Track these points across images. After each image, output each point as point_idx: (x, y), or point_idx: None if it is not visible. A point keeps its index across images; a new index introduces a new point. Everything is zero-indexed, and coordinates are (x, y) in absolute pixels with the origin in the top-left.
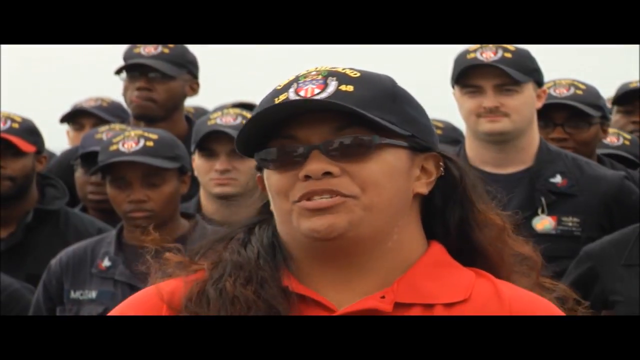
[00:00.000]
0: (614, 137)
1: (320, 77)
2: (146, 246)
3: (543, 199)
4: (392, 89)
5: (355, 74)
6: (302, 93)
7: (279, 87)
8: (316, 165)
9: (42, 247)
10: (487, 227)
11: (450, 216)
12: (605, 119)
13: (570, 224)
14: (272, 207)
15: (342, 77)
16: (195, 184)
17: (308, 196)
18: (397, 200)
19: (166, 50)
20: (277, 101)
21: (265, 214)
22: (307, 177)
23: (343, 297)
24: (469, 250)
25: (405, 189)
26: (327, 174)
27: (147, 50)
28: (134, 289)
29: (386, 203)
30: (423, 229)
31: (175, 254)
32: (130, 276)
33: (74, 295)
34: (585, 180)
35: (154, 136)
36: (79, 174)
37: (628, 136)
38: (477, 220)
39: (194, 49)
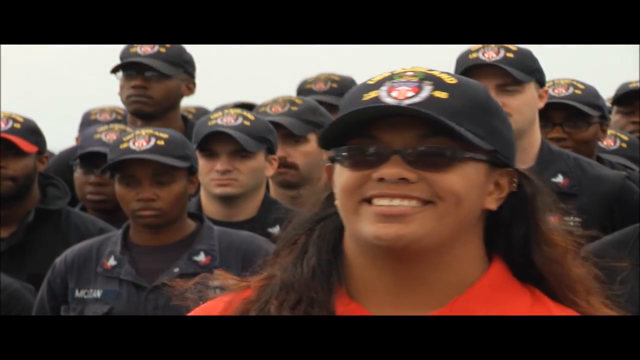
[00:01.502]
0: (611, 140)
1: (415, 79)
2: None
3: None
4: (485, 100)
5: (452, 80)
6: (394, 94)
7: (370, 82)
8: (393, 169)
9: (44, 246)
10: (549, 246)
11: (515, 233)
12: (604, 118)
13: (571, 224)
14: (338, 205)
15: (437, 82)
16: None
17: (378, 196)
18: (468, 215)
19: (163, 50)
20: (366, 97)
21: (329, 208)
22: (381, 180)
23: (395, 312)
24: (529, 268)
25: (477, 203)
26: (403, 179)
27: (144, 49)
28: (139, 288)
29: (459, 216)
30: (485, 242)
31: (224, 273)
32: (135, 276)
33: (79, 294)
34: (586, 180)
35: (165, 135)
36: (78, 174)
37: (625, 137)
38: (539, 239)
39: (194, 49)
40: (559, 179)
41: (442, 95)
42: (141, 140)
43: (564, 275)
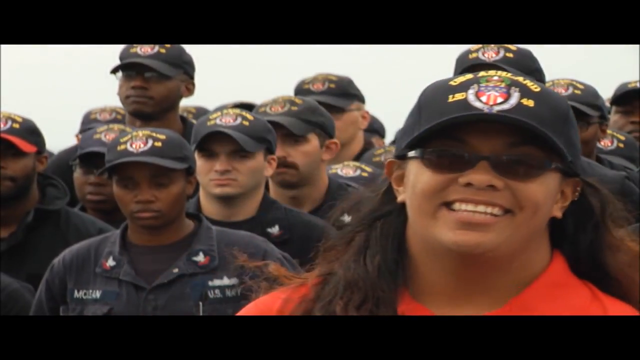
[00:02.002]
0: (608, 140)
1: (503, 85)
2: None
3: None
4: (567, 111)
5: (536, 88)
6: (483, 99)
7: (454, 84)
8: (482, 176)
9: (43, 247)
10: (621, 252)
11: (582, 238)
12: (603, 118)
13: None
14: (409, 204)
15: (524, 89)
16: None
17: (462, 201)
18: (541, 223)
19: (162, 50)
20: (452, 99)
21: (388, 204)
22: (469, 185)
23: (457, 313)
24: (599, 272)
25: (549, 212)
26: (490, 186)
27: (144, 50)
28: (138, 289)
29: (534, 225)
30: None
31: (279, 267)
32: (134, 276)
33: (78, 295)
34: None
35: (162, 136)
36: (77, 174)
37: (622, 137)
38: (610, 245)
39: (194, 48)
40: None
41: (529, 103)
42: (138, 141)
43: (636, 278)
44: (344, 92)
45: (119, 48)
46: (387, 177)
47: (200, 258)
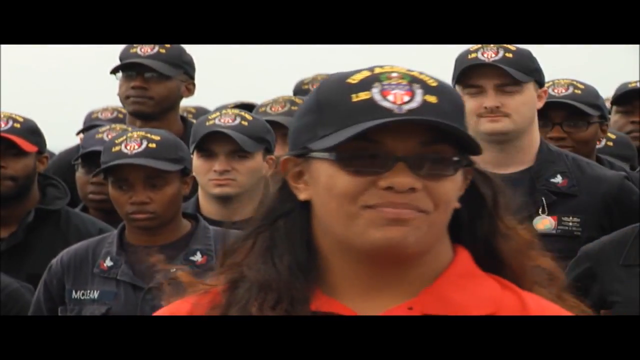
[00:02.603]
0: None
1: (405, 82)
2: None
3: (543, 199)
4: (462, 102)
5: (433, 83)
6: (390, 98)
7: (353, 81)
8: (403, 179)
9: (43, 247)
10: (513, 239)
11: (478, 227)
12: (604, 118)
13: (570, 224)
14: (322, 206)
15: (424, 86)
16: (193, 184)
17: (384, 205)
18: (449, 216)
19: (163, 51)
20: (356, 99)
21: (287, 202)
22: (390, 188)
23: (371, 306)
24: (493, 259)
25: (455, 205)
26: (410, 189)
27: (144, 50)
28: (136, 289)
29: (445, 221)
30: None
31: (186, 272)
32: (132, 276)
33: (76, 295)
34: (585, 180)
35: (157, 137)
36: (79, 173)
37: (613, 135)
38: (503, 232)
39: (194, 49)
40: (558, 179)
41: (432, 99)
42: (133, 143)
43: (528, 265)
44: None
45: (119, 48)
46: (280, 174)
47: (198, 258)
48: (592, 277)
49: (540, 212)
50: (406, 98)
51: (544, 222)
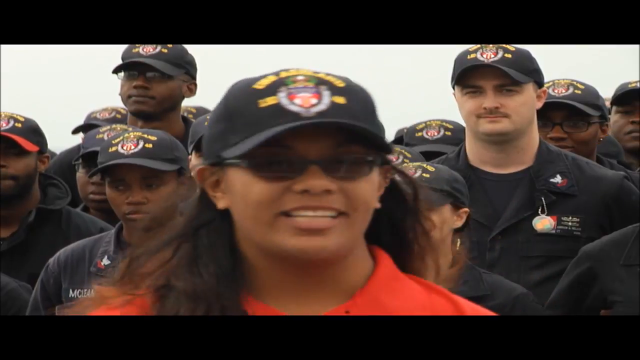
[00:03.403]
0: None
1: (311, 84)
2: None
3: (543, 199)
4: (372, 101)
5: (340, 83)
6: (297, 101)
7: (259, 87)
8: (317, 181)
9: (44, 246)
10: (431, 236)
11: (401, 226)
12: (604, 118)
13: (570, 224)
14: (240, 213)
15: (331, 87)
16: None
17: (300, 210)
18: (369, 217)
19: (165, 50)
20: (263, 104)
21: (207, 212)
22: (305, 192)
23: (306, 311)
24: (414, 257)
25: (375, 205)
26: (326, 191)
27: (146, 49)
28: None
29: (365, 221)
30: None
31: (106, 285)
32: None
33: (73, 294)
34: (585, 180)
35: (153, 138)
36: (80, 173)
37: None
38: (425, 230)
39: (195, 48)
40: (558, 179)
41: (341, 100)
42: (129, 143)
43: (444, 262)
44: None
45: (121, 48)
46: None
47: None
48: (592, 277)
49: (539, 212)
50: (314, 101)
51: (544, 222)
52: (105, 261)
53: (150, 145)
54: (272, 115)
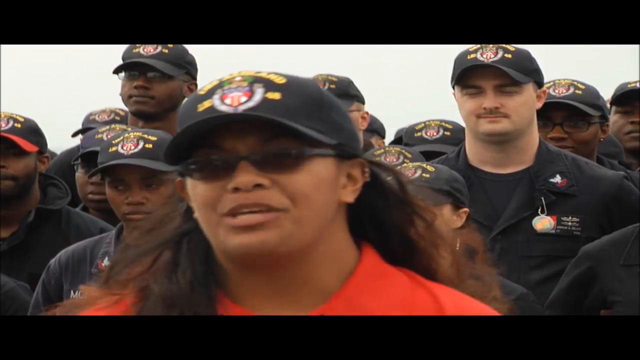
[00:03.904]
0: None
1: (245, 83)
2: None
3: (543, 199)
4: (318, 95)
5: (281, 80)
6: (227, 101)
7: (201, 93)
8: (246, 177)
9: (44, 246)
10: (426, 227)
11: (387, 220)
12: (604, 119)
13: (569, 224)
14: (199, 219)
15: (268, 84)
16: None
17: (237, 209)
18: (325, 211)
19: (165, 51)
20: (201, 108)
21: (189, 222)
22: (236, 189)
23: (281, 312)
24: (407, 249)
25: (332, 198)
26: (258, 186)
27: (147, 50)
28: None
29: (316, 215)
30: (350, 233)
31: (94, 284)
32: None
33: (74, 295)
34: (584, 180)
35: (154, 138)
36: (79, 173)
37: None
38: (414, 221)
39: (195, 48)
40: (557, 179)
41: (275, 96)
42: (129, 143)
43: (438, 245)
44: (344, 93)
45: (121, 48)
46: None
47: None
48: (592, 277)
49: (539, 212)
50: (243, 99)
51: (544, 222)
52: (106, 262)
53: (150, 146)
54: (203, 117)
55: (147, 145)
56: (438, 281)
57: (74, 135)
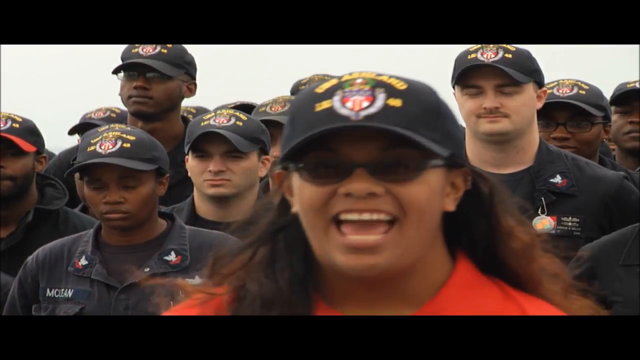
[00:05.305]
0: None
1: (367, 87)
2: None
3: (543, 199)
4: (436, 104)
5: (402, 86)
6: (349, 105)
7: (320, 91)
8: (361, 184)
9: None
10: (513, 241)
11: (476, 230)
12: (607, 119)
13: (570, 224)
14: (302, 219)
15: (389, 89)
16: (190, 184)
17: (346, 212)
18: (433, 222)
19: (164, 51)
20: (319, 108)
21: (285, 216)
22: (348, 195)
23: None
24: (494, 263)
25: (440, 208)
26: (371, 194)
27: (146, 50)
28: (110, 288)
29: (427, 227)
30: (446, 240)
31: (184, 282)
32: (106, 275)
33: (50, 293)
34: (585, 180)
35: (132, 137)
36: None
37: None
38: (502, 235)
39: (194, 48)
40: (557, 179)
41: (396, 103)
42: (107, 142)
43: (531, 268)
44: None
45: (120, 48)
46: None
47: (172, 257)
48: (592, 277)
49: (539, 212)
50: (365, 104)
51: (544, 222)
52: (83, 261)
53: (128, 145)
54: (324, 119)
55: (125, 145)
56: (535, 294)
57: (71, 132)
